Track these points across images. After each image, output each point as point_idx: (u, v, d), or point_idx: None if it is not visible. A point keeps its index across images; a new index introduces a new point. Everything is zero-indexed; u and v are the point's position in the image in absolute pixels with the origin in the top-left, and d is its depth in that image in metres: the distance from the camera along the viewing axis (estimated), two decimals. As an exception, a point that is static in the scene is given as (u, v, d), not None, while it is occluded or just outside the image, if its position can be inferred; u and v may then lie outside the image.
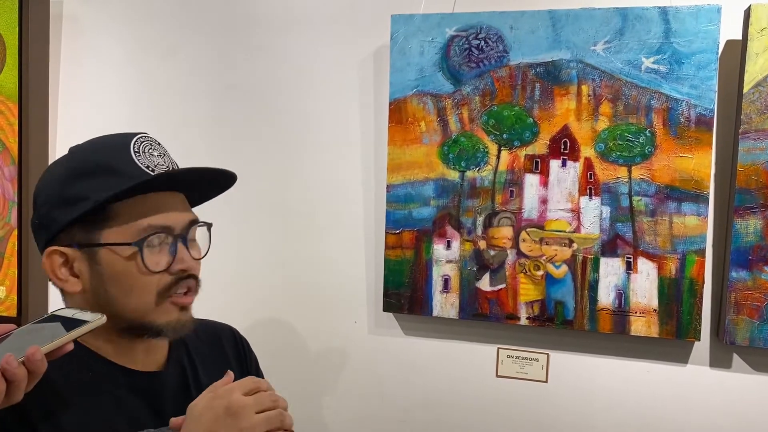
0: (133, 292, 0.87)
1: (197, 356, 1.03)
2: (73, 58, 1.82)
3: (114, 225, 0.86)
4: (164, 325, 0.89)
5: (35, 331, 0.74)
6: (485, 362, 1.55)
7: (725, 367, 1.41)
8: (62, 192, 0.87)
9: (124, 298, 0.87)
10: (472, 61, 1.46)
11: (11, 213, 1.79)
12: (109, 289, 0.87)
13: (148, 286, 0.87)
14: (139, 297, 0.87)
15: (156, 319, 0.88)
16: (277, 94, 1.67)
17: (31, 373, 0.68)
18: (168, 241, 0.88)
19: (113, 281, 0.86)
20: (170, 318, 0.89)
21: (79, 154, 0.90)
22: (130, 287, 0.87)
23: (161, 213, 0.88)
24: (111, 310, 0.86)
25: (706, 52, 1.32)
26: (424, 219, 1.51)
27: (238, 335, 1.14)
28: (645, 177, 1.38)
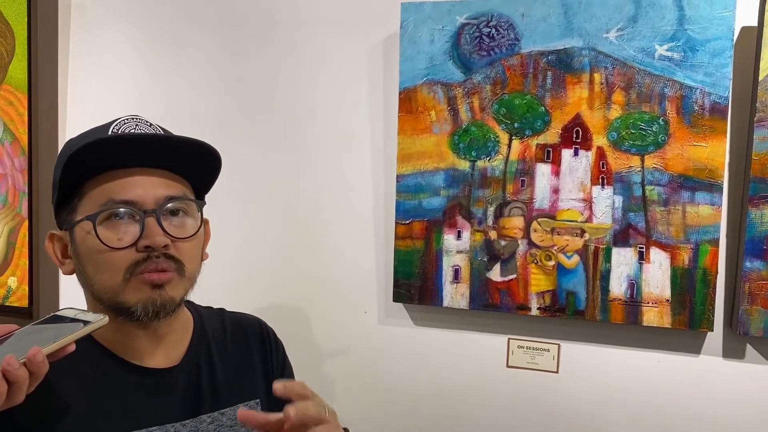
0: (101, 269, 0.85)
1: (218, 351, 1.01)
2: (82, 48, 1.82)
3: (84, 203, 0.86)
4: (134, 303, 0.85)
5: (37, 332, 0.73)
6: (496, 353, 1.55)
7: (738, 357, 1.40)
8: (54, 178, 0.89)
9: (96, 276, 0.86)
10: (483, 49, 1.44)
11: (22, 204, 1.79)
12: (85, 268, 0.87)
13: (115, 263, 0.84)
14: (106, 274, 0.85)
15: (127, 298, 0.85)
16: (286, 84, 1.67)
17: (32, 375, 0.68)
18: (137, 216, 0.85)
19: (85, 259, 0.86)
20: (141, 296, 0.85)
21: (67, 142, 0.92)
22: (97, 264, 0.85)
23: (126, 187, 0.85)
24: (91, 290, 0.88)
25: (721, 39, 1.30)
26: (435, 209, 1.50)
27: (264, 327, 1.11)
28: (658, 166, 1.36)
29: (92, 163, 0.85)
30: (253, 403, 1.01)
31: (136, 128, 0.89)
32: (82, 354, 0.87)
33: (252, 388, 1.02)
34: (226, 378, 0.99)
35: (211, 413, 0.95)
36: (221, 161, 0.94)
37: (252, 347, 1.06)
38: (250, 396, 1.01)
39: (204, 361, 0.98)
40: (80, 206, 0.87)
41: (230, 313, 1.09)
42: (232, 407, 0.98)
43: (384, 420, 1.64)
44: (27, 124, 1.78)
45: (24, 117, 1.78)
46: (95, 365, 0.88)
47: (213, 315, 1.06)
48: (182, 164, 0.91)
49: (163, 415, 0.90)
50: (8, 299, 1.83)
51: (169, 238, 0.86)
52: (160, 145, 0.88)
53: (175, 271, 0.87)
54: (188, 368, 0.95)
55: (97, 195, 0.86)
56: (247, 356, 1.05)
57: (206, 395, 0.95)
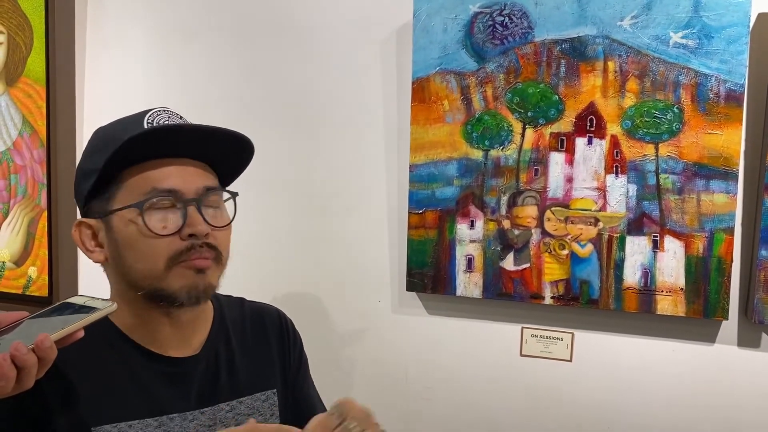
0: (143, 257, 0.87)
1: (237, 340, 1.02)
2: (99, 41, 1.84)
3: (123, 190, 0.88)
4: (178, 290, 0.87)
5: (46, 319, 0.75)
6: (509, 341, 1.55)
7: (754, 346, 1.40)
8: (82, 168, 0.91)
9: (136, 264, 0.87)
10: (497, 38, 1.44)
11: (41, 195, 1.82)
12: (123, 256, 0.88)
13: (158, 251, 0.86)
14: (148, 261, 0.86)
15: (170, 285, 0.87)
16: (299, 74, 1.67)
17: (40, 360, 0.69)
18: (179, 205, 0.87)
19: (125, 247, 0.88)
20: (185, 282, 0.87)
21: (99, 132, 0.93)
22: (139, 251, 0.87)
23: (169, 176, 0.88)
24: (128, 278, 0.89)
25: (737, 26, 1.29)
26: (448, 199, 1.50)
27: (283, 318, 1.12)
28: (672, 154, 1.36)
29: (134, 153, 0.86)
30: (270, 393, 1.02)
31: (168, 119, 0.90)
32: (104, 342, 0.89)
33: (270, 378, 1.03)
34: (245, 367, 1.00)
35: (230, 401, 0.97)
36: (253, 154, 0.97)
37: (270, 337, 1.08)
38: (268, 386, 1.02)
39: (223, 350, 0.99)
40: (118, 194, 0.88)
41: (250, 302, 1.10)
42: (250, 396, 0.99)
43: (398, 408, 1.65)
44: (45, 116, 1.80)
45: (42, 109, 1.80)
46: (117, 353, 0.90)
47: (233, 304, 1.08)
48: (216, 155, 0.93)
49: (182, 403, 0.92)
50: (28, 289, 1.86)
51: (209, 227, 0.89)
52: (200, 136, 0.91)
53: (214, 259, 0.90)
54: (208, 357, 0.97)
55: (138, 184, 0.87)
56: (266, 346, 1.06)
57: (225, 384, 0.97)
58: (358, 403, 0.79)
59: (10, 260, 1.88)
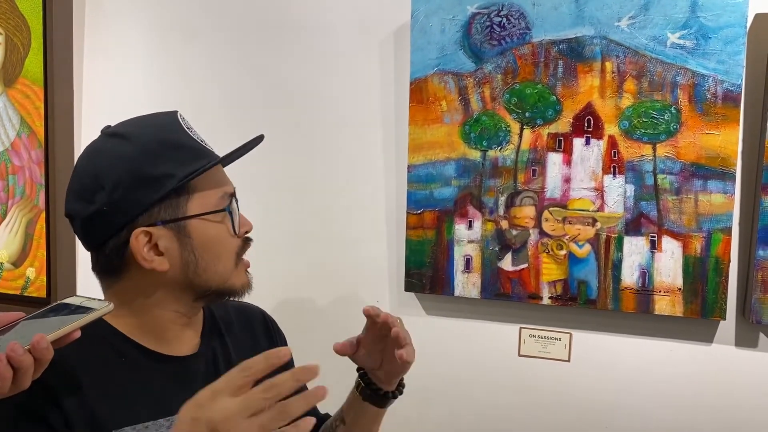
0: (222, 257, 0.93)
1: (229, 337, 1.04)
2: (97, 41, 1.84)
3: (196, 197, 0.91)
4: (240, 287, 0.96)
5: (43, 320, 0.75)
6: (507, 342, 1.55)
7: (751, 346, 1.40)
8: (142, 172, 0.87)
9: (215, 265, 0.92)
10: (494, 39, 1.44)
11: (39, 195, 1.82)
12: (200, 259, 0.91)
13: (231, 250, 0.94)
14: (225, 261, 0.93)
15: (234, 282, 0.95)
16: (298, 75, 1.67)
17: (37, 361, 0.69)
18: (233, 206, 0.95)
19: (205, 250, 0.91)
20: (244, 280, 0.97)
21: (139, 135, 0.89)
22: (220, 253, 0.93)
23: (225, 182, 0.96)
24: (199, 280, 0.92)
25: (734, 26, 1.29)
26: (446, 199, 1.51)
27: (267, 316, 1.17)
28: (670, 155, 1.36)
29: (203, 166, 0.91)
30: None
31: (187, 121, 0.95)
32: (106, 344, 0.89)
33: None
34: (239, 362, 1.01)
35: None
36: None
37: (258, 334, 1.11)
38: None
39: (218, 346, 1.02)
40: (192, 200, 0.90)
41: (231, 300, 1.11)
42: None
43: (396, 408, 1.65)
44: (43, 117, 1.80)
45: (40, 110, 1.80)
46: (123, 357, 0.90)
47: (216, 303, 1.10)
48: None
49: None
50: (26, 290, 1.86)
51: None
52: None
53: None
54: (206, 354, 0.99)
55: (211, 189, 0.92)
56: (254, 342, 1.09)
57: None
58: None
59: (8, 261, 1.88)
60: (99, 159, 0.89)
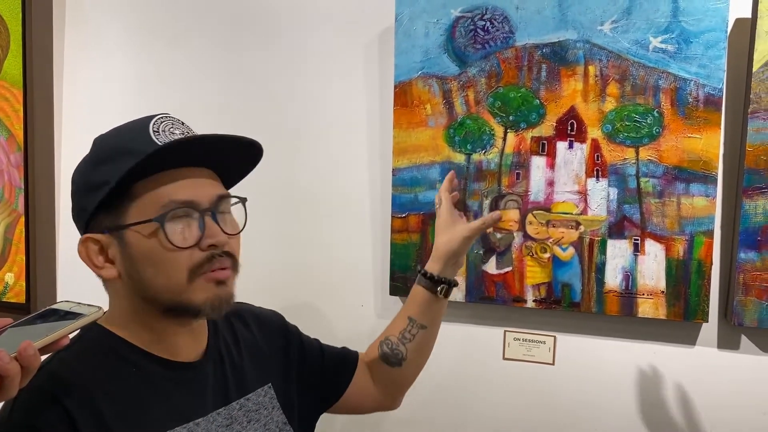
0: (163, 271, 0.85)
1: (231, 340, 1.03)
2: (78, 43, 1.82)
3: (137, 204, 0.85)
4: (202, 303, 0.86)
5: (31, 326, 0.73)
6: (492, 345, 1.55)
7: (733, 348, 1.41)
8: (87, 180, 0.87)
9: (156, 279, 0.85)
10: (478, 43, 1.45)
11: (18, 199, 1.80)
12: (140, 271, 0.86)
13: (178, 263, 0.85)
14: (170, 275, 0.85)
15: (192, 298, 0.86)
16: (281, 78, 1.67)
17: (24, 368, 0.68)
18: (195, 216, 0.86)
19: (143, 262, 0.85)
20: (208, 295, 0.87)
21: (101, 142, 0.90)
22: (159, 266, 0.85)
23: (184, 188, 0.86)
24: (147, 293, 0.87)
25: (715, 31, 1.30)
26: (431, 202, 1.50)
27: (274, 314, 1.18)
28: (652, 158, 1.37)
29: (147, 165, 0.84)
30: (266, 387, 1.03)
31: (173, 127, 0.89)
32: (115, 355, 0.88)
33: (265, 372, 1.05)
34: (245, 364, 1.02)
35: (239, 400, 0.97)
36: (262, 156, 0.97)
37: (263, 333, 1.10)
38: (265, 381, 1.03)
39: (224, 350, 1.00)
40: (131, 208, 0.85)
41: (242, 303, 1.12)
42: (254, 392, 1.01)
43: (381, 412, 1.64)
44: (22, 120, 1.77)
45: (19, 113, 1.78)
46: (134, 367, 0.88)
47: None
48: (226, 162, 0.93)
49: (203, 407, 0.92)
50: (5, 295, 1.83)
51: (227, 236, 0.89)
52: (214, 145, 0.89)
53: (232, 268, 0.90)
54: (213, 359, 0.97)
55: (154, 196, 0.85)
56: (256, 342, 1.08)
57: (232, 383, 0.98)
58: None
59: (-14, 266, 1.85)
60: (76, 166, 0.91)
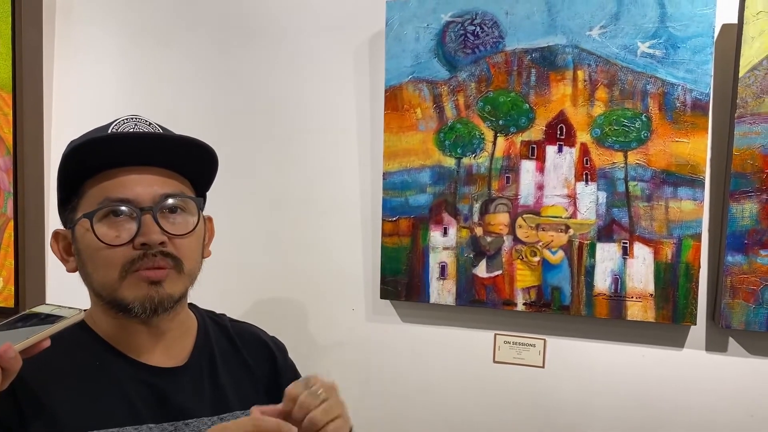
0: (99, 266, 0.88)
1: (221, 358, 1.01)
2: (67, 47, 1.81)
3: (83, 201, 0.89)
4: (132, 300, 0.87)
5: (12, 329, 0.74)
6: (482, 348, 1.56)
7: (721, 350, 1.42)
8: (58, 178, 0.91)
9: (94, 273, 0.89)
10: (468, 47, 1.45)
11: (7, 203, 1.79)
12: (85, 265, 0.90)
13: (111, 260, 0.86)
14: (104, 271, 0.87)
15: (124, 295, 0.87)
16: (272, 82, 1.67)
17: (4, 370, 0.68)
18: (134, 214, 0.87)
19: (85, 256, 0.89)
20: (138, 293, 0.87)
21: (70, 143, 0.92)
22: (95, 261, 0.88)
23: (124, 186, 0.88)
24: (91, 287, 0.91)
25: (702, 36, 1.32)
26: (421, 206, 1.51)
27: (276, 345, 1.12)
28: (641, 162, 1.38)
29: (90, 163, 0.87)
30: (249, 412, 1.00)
31: (135, 127, 0.90)
32: (83, 348, 0.89)
33: (250, 397, 1.01)
34: (227, 384, 0.99)
35: (212, 417, 0.95)
36: (217, 158, 0.95)
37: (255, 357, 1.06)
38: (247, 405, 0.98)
39: (206, 365, 0.98)
40: (80, 205, 0.89)
41: (232, 320, 1.10)
42: (231, 413, 0.97)
43: (372, 416, 1.65)
44: (12, 123, 1.77)
45: (9, 117, 1.77)
46: (97, 360, 0.89)
47: (216, 320, 1.07)
48: (179, 162, 0.92)
49: (164, 414, 0.90)
50: (-6, 299, 1.82)
51: (166, 235, 0.88)
52: (156, 143, 0.90)
53: (173, 268, 0.89)
54: (192, 370, 0.96)
55: (95, 194, 0.88)
56: (247, 365, 1.05)
57: (208, 398, 0.96)
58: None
59: (-25, 270, 1.84)
60: None
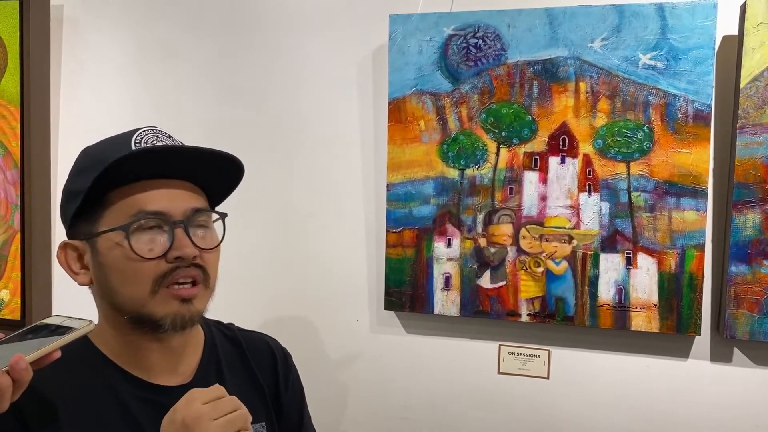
0: (128, 280, 0.85)
1: (228, 371, 0.99)
2: (74, 61, 1.83)
3: (109, 212, 0.86)
4: (162, 316, 0.86)
5: (23, 340, 0.74)
6: (487, 359, 1.56)
7: (726, 361, 1.42)
8: (68, 189, 0.90)
9: (121, 287, 0.86)
10: (471, 60, 1.47)
11: (14, 216, 1.80)
12: (108, 279, 0.87)
13: (143, 274, 0.85)
14: (134, 285, 0.85)
15: (154, 310, 0.85)
16: (277, 94, 1.68)
17: (15, 382, 0.68)
18: (166, 227, 0.86)
19: (111, 269, 0.86)
20: (169, 310, 0.86)
21: (85, 152, 0.92)
22: (125, 275, 0.85)
23: (157, 198, 0.86)
24: (113, 301, 0.87)
25: (703, 48, 1.33)
26: (425, 217, 1.52)
27: (278, 350, 1.10)
28: (643, 173, 1.38)
29: (121, 174, 0.85)
30: (259, 426, 0.98)
31: (157, 140, 0.89)
32: (88, 367, 0.87)
33: (260, 409, 1.00)
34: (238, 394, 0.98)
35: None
36: (243, 175, 0.97)
37: (263, 368, 1.05)
38: (257, 419, 0.98)
39: (214, 379, 0.96)
40: (104, 216, 0.86)
41: (241, 330, 1.08)
42: None
43: (376, 427, 1.64)
44: (19, 137, 1.78)
45: (16, 130, 1.78)
46: (104, 381, 0.87)
47: (224, 330, 1.06)
48: (204, 176, 0.92)
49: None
50: (0, 312, 1.83)
51: (197, 249, 0.87)
52: (189, 157, 0.89)
53: (202, 283, 0.89)
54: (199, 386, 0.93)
55: (125, 205, 0.86)
56: (255, 376, 1.03)
57: None
58: None
59: (-19, 283, 1.85)
60: None
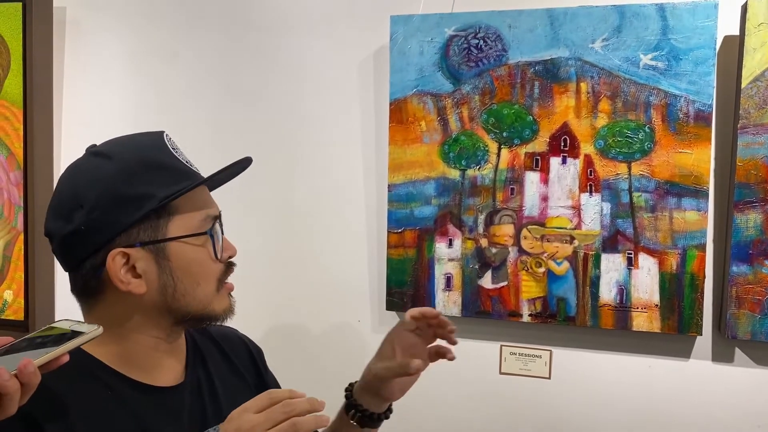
0: (202, 282, 0.90)
1: (213, 366, 1.02)
2: (77, 63, 1.84)
3: (177, 219, 0.88)
4: (221, 312, 0.93)
5: (31, 344, 0.73)
6: (488, 359, 1.56)
7: (727, 361, 1.42)
8: (121, 192, 0.85)
9: (194, 290, 0.89)
10: (472, 61, 1.47)
11: (17, 217, 1.81)
12: (178, 283, 0.88)
13: (212, 275, 0.91)
14: (206, 286, 0.90)
15: (216, 307, 0.92)
16: (278, 95, 1.69)
17: (24, 386, 0.68)
18: (220, 230, 0.93)
19: (184, 273, 0.88)
20: (226, 304, 0.94)
21: (122, 155, 0.88)
22: (200, 277, 0.90)
23: (209, 205, 0.93)
24: (178, 304, 0.89)
25: (704, 48, 1.33)
26: (426, 218, 1.52)
27: (249, 342, 1.15)
28: (645, 173, 1.38)
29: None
30: None
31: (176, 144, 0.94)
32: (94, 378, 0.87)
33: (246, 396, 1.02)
34: (223, 391, 1.00)
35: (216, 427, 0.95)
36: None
37: (241, 359, 1.09)
38: None
39: (203, 376, 0.99)
40: (172, 222, 0.87)
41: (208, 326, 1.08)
42: None
43: (379, 428, 1.64)
44: (23, 138, 1.79)
45: (20, 132, 1.79)
46: (108, 389, 0.87)
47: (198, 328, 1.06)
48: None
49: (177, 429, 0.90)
50: (4, 312, 1.83)
51: None
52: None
53: None
54: (192, 385, 0.96)
55: (192, 210, 0.90)
56: (237, 368, 1.06)
57: (210, 410, 0.96)
58: None
59: (-15, 284, 1.85)
60: (79, 177, 0.88)
